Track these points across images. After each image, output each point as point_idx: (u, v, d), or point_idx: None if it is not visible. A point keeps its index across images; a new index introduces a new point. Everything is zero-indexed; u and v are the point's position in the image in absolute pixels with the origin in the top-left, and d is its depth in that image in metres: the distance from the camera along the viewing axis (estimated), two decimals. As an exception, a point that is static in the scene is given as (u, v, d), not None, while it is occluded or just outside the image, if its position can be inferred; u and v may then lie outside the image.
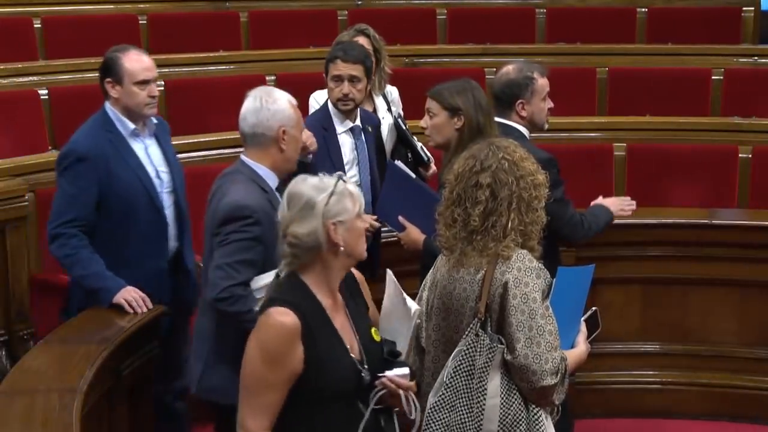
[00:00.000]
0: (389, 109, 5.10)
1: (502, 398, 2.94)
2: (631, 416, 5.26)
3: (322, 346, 2.77)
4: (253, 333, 2.78)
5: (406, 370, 2.89)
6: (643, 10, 7.92)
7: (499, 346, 2.93)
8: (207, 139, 5.68)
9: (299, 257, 2.81)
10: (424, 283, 3.17)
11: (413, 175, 4.30)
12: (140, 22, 7.33)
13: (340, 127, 4.48)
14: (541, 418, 2.98)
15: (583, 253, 4.87)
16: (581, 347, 3.15)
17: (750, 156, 5.91)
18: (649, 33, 7.83)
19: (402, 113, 5.15)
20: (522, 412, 2.95)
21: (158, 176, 4.17)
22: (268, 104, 3.53)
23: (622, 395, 5.28)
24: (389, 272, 3.16)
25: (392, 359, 2.89)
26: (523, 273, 2.94)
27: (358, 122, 4.54)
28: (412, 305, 3.03)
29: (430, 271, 3.16)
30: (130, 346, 3.90)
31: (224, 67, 6.76)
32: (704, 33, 7.53)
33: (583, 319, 3.22)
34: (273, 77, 6.72)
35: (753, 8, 7.90)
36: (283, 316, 2.73)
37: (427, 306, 3.11)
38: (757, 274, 5.21)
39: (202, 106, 6.34)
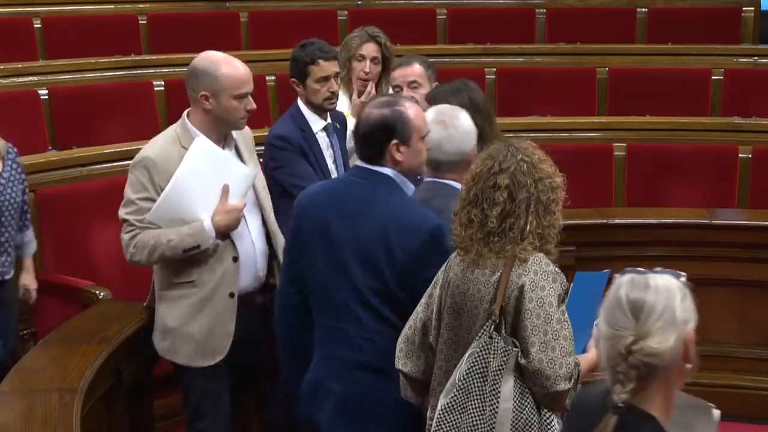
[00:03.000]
0: None
1: (515, 402, 2.91)
2: (631, 416, 5.25)
3: None
4: None
5: None
6: (643, 10, 7.92)
7: (513, 349, 2.91)
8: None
9: (645, 381, 2.20)
10: (435, 280, 3.15)
11: None
12: (140, 22, 7.33)
13: (316, 127, 4.46)
14: (552, 423, 2.96)
15: (583, 252, 4.86)
16: (593, 353, 3.12)
17: (750, 156, 5.91)
18: (649, 33, 7.82)
19: None
20: (534, 416, 2.94)
21: None
22: (460, 128, 3.53)
23: (622, 395, 5.27)
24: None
25: None
26: (540, 276, 2.92)
27: (329, 120, 4.54)
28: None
29: (441, 269, 3.15)
30: (130, 346, 3.90)
31: (224, 67, 6.75)
32: (704, 33, 7.52)
33: (595, 324, 3.20)
34: (273, 77, 6.71)
35: (753, 8, 7.90)
36: None
37: (439, 304, 3.10)
38: (757, 274, 5.21)
39: (202, 106, 6.33)
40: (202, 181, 3.71)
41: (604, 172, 5.96)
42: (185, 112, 3.87)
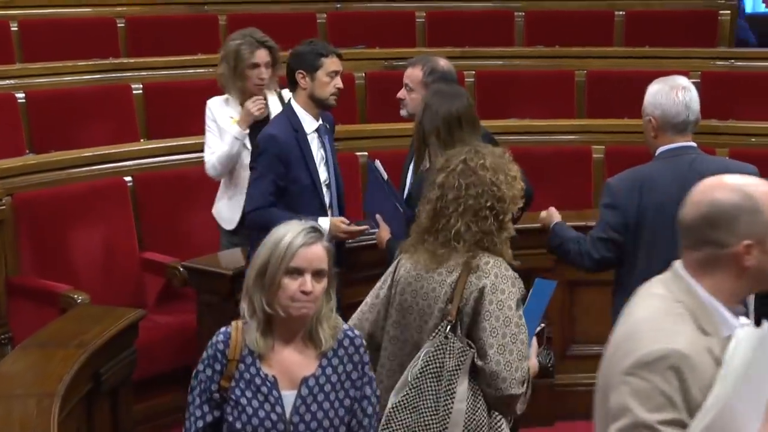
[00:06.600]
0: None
1: (469, 403, 2.92)
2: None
3: None
4: None
5: None
6: (621, 13, 7.96)
7: (470, 350, 2.93)
8: (185, 142, 5.65)
9: None
10: (384, 278, 3.15)
11: (386, 176, 4.26)
12: (118, 25, 7.31)
13: (309, 128, 4.44)
14: (502, 425, 2.99)
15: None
16: (533, 360, 3.09)
17: (727, 158, 5.93)
18: (627, 36, 7.86)
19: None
20: (485, 417, 2.96)
21: None
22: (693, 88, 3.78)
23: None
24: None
25: None
26: (500, 280, 2.94)
27: (320, 120, 4.51)
28: None
29: (392, 266, 3.14)
30: (108, 349, 3.89)
31: (202, 70, 6.72)
32: (681, 36, 7.56)
33: (536, 331, 3.18)
34: (252, 80, 6.70)
35: (729, 12, 7.96)
36: None
37: (386, 302, 3.10)
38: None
39: (180, 109, 6.32)
40: (751, 395, 2.15)
41: (583, 175, 5.98)
42: None
